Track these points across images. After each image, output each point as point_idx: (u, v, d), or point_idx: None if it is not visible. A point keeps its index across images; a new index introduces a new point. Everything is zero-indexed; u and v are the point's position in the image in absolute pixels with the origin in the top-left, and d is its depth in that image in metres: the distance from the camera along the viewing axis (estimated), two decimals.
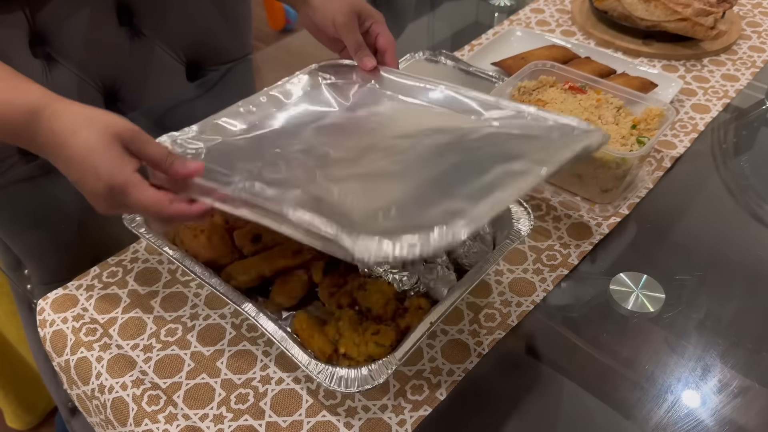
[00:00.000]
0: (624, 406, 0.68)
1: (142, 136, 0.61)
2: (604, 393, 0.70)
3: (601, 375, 0.71)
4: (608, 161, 0.84)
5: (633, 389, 0.70)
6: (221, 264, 0.76)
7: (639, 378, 0.71)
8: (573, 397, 0.70)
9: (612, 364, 0.72)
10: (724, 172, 0.98)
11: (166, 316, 0.78)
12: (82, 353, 0.75)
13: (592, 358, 0.73)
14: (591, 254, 0.84)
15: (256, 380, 0.71)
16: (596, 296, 0.79)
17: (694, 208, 0.93)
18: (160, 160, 0.62)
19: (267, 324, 0.67)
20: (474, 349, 0.73)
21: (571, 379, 0.71)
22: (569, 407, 0.70)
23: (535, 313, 0.77)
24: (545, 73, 0.99)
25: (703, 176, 0.98)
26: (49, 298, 0.80)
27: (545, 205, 0.91)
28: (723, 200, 0.94)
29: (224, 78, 1.24)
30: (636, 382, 0.70)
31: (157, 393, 0.70)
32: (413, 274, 0.73)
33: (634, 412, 0.67)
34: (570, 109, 0.92)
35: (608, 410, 0.69)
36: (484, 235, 0.77)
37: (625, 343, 0.74)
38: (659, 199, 0.92)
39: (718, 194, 0.95)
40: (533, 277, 0.81)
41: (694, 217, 0.92)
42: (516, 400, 0.69)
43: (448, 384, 0.70)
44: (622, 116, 0.91)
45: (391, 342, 0.66)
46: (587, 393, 0.70)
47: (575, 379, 0.71)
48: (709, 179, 0.98)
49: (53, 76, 1.03)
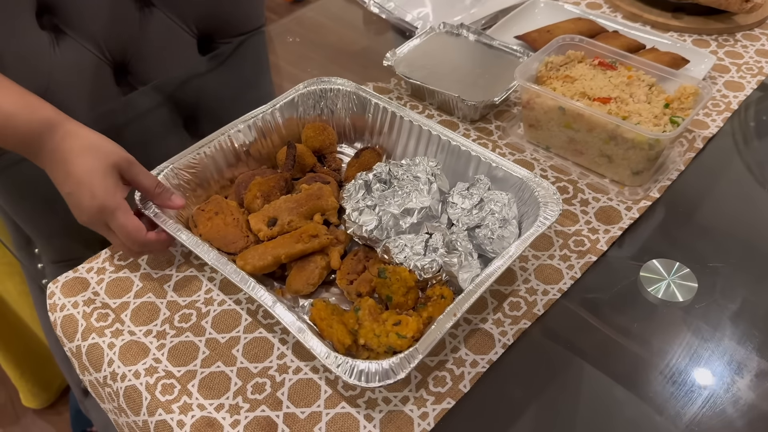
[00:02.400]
0: (656, 400, 0.65)
1: (136, 166, 0.72)
2: (634, 386, 0.67)
3: (631, 367, 0.69)
4: (640, 142, 0.80)
5: (665, 383, 0.67)
6: (236, 249, 0.73)
7: (672, 371, 0.68)
8: (602, 390, 0.67)
9: (643, 355, 0.69)
10: (759, 153, 0.94)
11: (180, 301, 0.75)
12: (93, 339, 0.72)
13: (622, 349, 0.70)
14: (620, 240, 0.80)
15: (273, 369, 0.69)
16: (626, 284, 0.76)
17: (728, 191, 0.89)
18: (149, 188, 0.74)
19: (284, 314, 0.64)
20: (498, 339, 0.70)
21: (600, 371, 0.69)
22: (598, 400, 0.67)
23: (562, 301, 0.74)
24: (573, 47, 0.94)
25: (736, 157, 0.93)
26: (59, 281, 0.78)
27: (572, 188, 0.87)
28: (758, 183, 0.90)
29: (237, 51, 1.20)
30: (669, 376, 0.67)
31: (171, 382, 0.68)
32: (435, 261, 0.70)
33: (667, 407, 0.65)
34: (600, 86, 0.87)
35: (640, 404, 0.66)
36: (509, 220, 0.74)
37: (657, 333, 0.71)
38: (691, 181, 0.88)
39: (753, 176, 0.91)
40: (560, 264, 0.77)
41: (727, 200, 0.88)
42: (543, 392, 0.67)
43: (472, 376, 0.67)
44: (655, 94, 0.87)
45: (413, 333, 0.63)
46: (617, 386, 0.67)
47: (605, 372, 0.68)
48: (743, 160, 0.93)
49: (61, 49, 0.99)
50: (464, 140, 0.82)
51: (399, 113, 0.87)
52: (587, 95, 0.86)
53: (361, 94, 0.90)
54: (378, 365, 0.59)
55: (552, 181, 0.88)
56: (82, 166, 0.68)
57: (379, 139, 0.91)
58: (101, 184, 0.68)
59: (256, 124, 0.86)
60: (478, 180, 0.79)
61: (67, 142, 0.69)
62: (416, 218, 0.74)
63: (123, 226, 0.70)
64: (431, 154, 0.85)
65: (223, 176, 0.85)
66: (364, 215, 0.75)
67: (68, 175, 0.68)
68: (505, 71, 1.00)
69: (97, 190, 0.68)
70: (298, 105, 0.90)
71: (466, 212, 0.76)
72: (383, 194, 0.76)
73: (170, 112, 1.10)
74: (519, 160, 0.91)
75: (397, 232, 0.74)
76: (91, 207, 0.69)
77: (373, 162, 0.86)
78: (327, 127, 0.90)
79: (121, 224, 0.70)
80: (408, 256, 0.71)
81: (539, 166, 0.90)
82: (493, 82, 0.98)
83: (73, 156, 0.68)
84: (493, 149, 0.93)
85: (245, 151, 0.86)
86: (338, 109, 0.92)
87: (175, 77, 1.13)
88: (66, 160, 0.68)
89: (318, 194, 0.77)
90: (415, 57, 1.04)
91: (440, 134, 0.83)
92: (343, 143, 0.95)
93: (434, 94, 0.98)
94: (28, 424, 1.59)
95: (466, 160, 0.81)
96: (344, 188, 0.79)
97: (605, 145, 0.84)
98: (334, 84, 0.91)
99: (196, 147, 0.82)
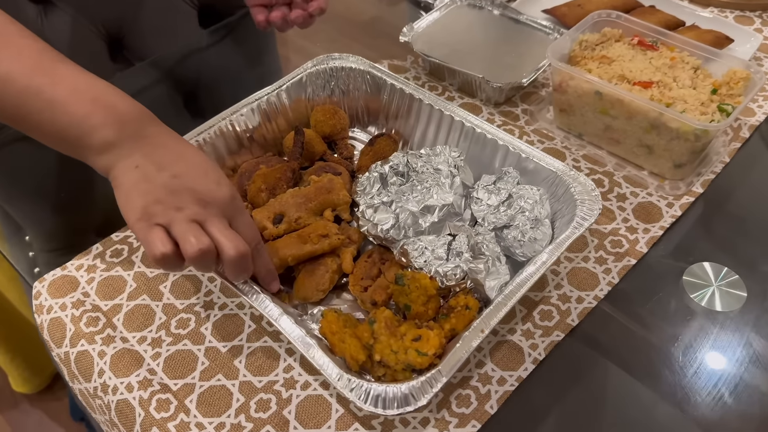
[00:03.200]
0: (704, 423, 0.59)
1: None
2: (680, 407, 0.60)
3: (676, 385, 0.62)
4: (686, 132, 0.72)
5: (715, 403, 0.60)
6: None
7: (722, 390, 0.61)
8: (645, 411, 0.61)
9: (690, 372, 0.62)
10: None
11: (178, 304, 0.69)
12: (82, 346, 0.66)
13: (667, 364, 0.63)
14: (661, 240, 0.73)
15: (279, 384, 0.62)
16: (668, 291, 0.69)
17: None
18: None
19: (292, 329, 0.57)
20: (528, 353, 0.63)
21: (642, 389, 0.62)
22: (640, 423, 0.60)
23: (598, 310, 0.67)
24: (609, 24, 0.86)
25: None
26: (45, 280, 0.71)
27: (608, 181, 0.79)
28: None
29: (241, 23, 1.12)
30: (718, 396, 0.60)
31: (167, 397, 0.61)
32: (459, 267, 0.63)
33: (718, 431, 0.58)
34: (640, 68, 0.79)
35: (689, 427, 0.59)
36: (541, 219, 0.66)
37: (704, 347, 0.64)
38: (737, 174, 0.80)
39: None
40: (595, 267, 0.70)
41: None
42: (579, 414, 0.60)
43: (500, 395, 0.61)
44: (701, 79, 0.78)
45: (434, 351, 0.57)
46: (662, 405, 0.60)
47: (647, 389, 0.61)
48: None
49: (50, 22, 0.91)
50: (490, 127, 0.74)
51: (418, 96, 0.79)
52: (626, 78, 0.78)
53: (376, 74, 0.82)
54: (396, 389, 0.53)
55: (586, 173, 0.80)
56: (198, 155, 0.58)
57: (395, 124, 0.83)
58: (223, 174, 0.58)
59: (260, 107, 0.79)
60: (505, 173, 0.71)
61: (173, 133, 0.59)
62: (437, 216, 0.67)
63: (252, 223, 0.59)
64: (453, 142, 0.77)
65: (225, 165, 0.78)
66: (380, 213, 0.68)
67: (181, 156, 0.56)
68: (533, 49, 0.91)
69: (223, 178, 0.57)
70: (306, 85, 0.83)
71: (492, 209, 0.68)
72: (400, 189, 0.69)
73: (169, 90, 1.03)
74: (549, 148, 0.83)
75: (415, 231, 0.67)
76: (217, 193, 0.55)
77: (389, 150, 0.78)
78: (338, 110, 0.83)
79: (250, 221, 0.59)
80: (429, 260, 0.63)
81: (571, 156, 0.82)
82: (519, 61, 0.90)
83: (187, 145, 0.58)
84: (519, 136, 0.85)
85: (248, 137, 0.79)
86: (350, 90, 0.84)
87: (174, 52, 1.05)
88: (179, 141, 0.58)
89: (329, 187, 0.70)
90: (434, 32, 0.96)
91: (463, 120, 0.75)
92: (356, 127, 0.87)
93: (455, 74, 0.90)
94: (27, 409, 1.54)
95: (492, 150, 0.74)
96: (357, 180, 0.72)
97: (646, 135, 0.76)
98: (346, 62, 0.83)
99: (194, 133, 0.75)
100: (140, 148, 0.55)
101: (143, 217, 0.53)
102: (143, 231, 0.53)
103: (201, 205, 0.54)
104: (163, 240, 0.52)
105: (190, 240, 0.52)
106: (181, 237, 0.52)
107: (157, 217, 0.53)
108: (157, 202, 0.52)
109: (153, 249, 0.52)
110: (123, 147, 0.54)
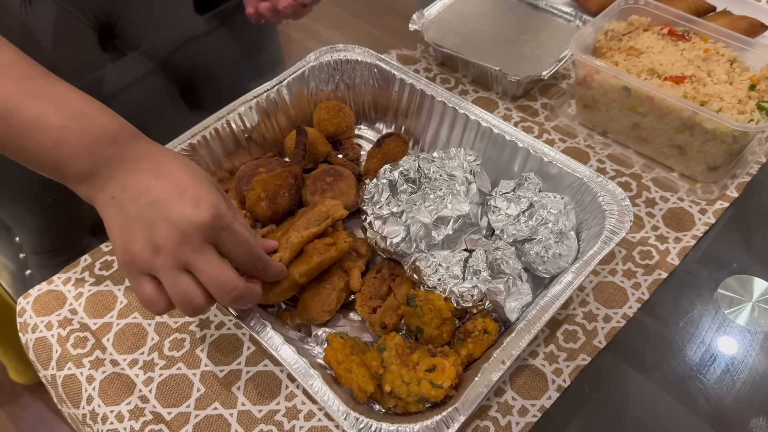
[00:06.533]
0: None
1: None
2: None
3: (714, 413, 0.57)
4: (722, 134, 0.66)
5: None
6: None
7: (763, 418, 0.56)
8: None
9: (728, 400, 0.57)
10: None
11: (171, 323, 0.64)
12: (70, 370, 0.61)
13: (702, 391, 0.58)
14: (694, 250, 0.67)
15: (281, 413, 0.58)
16: (702, 307, 0.63)
17: None
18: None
19: (294, 360, 0.52)
20: (552, 379, 0.58)
21: (677, 418, 0.57)
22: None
23: (627, 330, 0.62)
24: (637, 12, 0.79)
25: None
26: (30, 295, 0.67)
27: (635, 184, 0.73)
28: None
29: (240, 9, 1.05)
30: (760, 428, 0.55)
31: (160, 428, 0.57)
32: (476, 287, 0.57)
33: None
34: (671, 61, 0.73)
35: None
36: (566, 233, 0.61)
37: (742, 369, 0.59)
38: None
39: None
40: (623, 282, 0.65)
41: None
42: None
43: (521, 427, 0.56)
44: (737, 73, 0.72)
45: (450, 382, 0.51)
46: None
47: (683, 418, 0.57)
48: None
49: (33, 9, 0.85)
50: (508, 127, 0.68)
51: (429, 92, 0.73)
52: (656, 72, 0.72)
53: (384, 67, 0.76)
54: (409, 430, 0.48)
55: (611, 175, 0.74)
56: (180, 169, 0.50)
57: (405, 122, 0.77)
58: (209, 186, 0.50)
59: (259, 105, 0.73)
60: (526, 179, 0.65)
61: (154, 148, 0.52)
62: (452, 229, 0.62)
63: (244, 241, 0.50)
64: (468, 143, 0.71)
65: (222, 167, 0.72)
66: (389, 224, 0.62)
67: (158, 176, 0.49)
68: (553, 38, 0.85)
69: (205, 193, 0.49)
70: (308, 79, 0.77)
71: (512, 220, 0.63)
72: (411, 198, 0.63)
73: (165, 81, 0.97)
74: (571, 148, 0.77)
75: (428, 245, 0.62)
76: (196, 217, 0.47)
77: (398, 152, 0.72)
78: (343, 107, 0.77)
79: (241, 240, 0.50)
80: (443, 278, 0.58)
81: (595, 156, 0.76)
82: (539, 52, 0.84)
83: (168, 159, 0.51)
84: (539, 134, 0.79)
85: (247, 137, 0.73)
86: (356, 84, 0.78)
87: (169, 40, 0.99)
88: (159, 156, 0.51)
89: (327, 215, 0.63)
90: (447, 20, 0.89)
91: (479, 119, 0.69)
92: (362, 124, 0.81)
93: (469, 65, 0.84)
94: (28, 402, 1.51)
95: (512, 153, 0.68)
96: (365, 187, 0.66)
97: (678, 135, 0.70)
98: (352, 54, 0.77)
99: (188, 135, 0.69)
100: (116, 177, 0.49)
101: (126, 261, 0.48)
102: (131, 278, 0.49)
103: (180, 238, 0.47)
104: (153, 295, 0.48)
105: (181, 301, 0.48)
106: (171, 292, 0.48)
107: (138, 263, 0.47)
108: (134, 241, 0.47)
109: (147, 305, 0.49)
110: (99, 176, 0.49)
